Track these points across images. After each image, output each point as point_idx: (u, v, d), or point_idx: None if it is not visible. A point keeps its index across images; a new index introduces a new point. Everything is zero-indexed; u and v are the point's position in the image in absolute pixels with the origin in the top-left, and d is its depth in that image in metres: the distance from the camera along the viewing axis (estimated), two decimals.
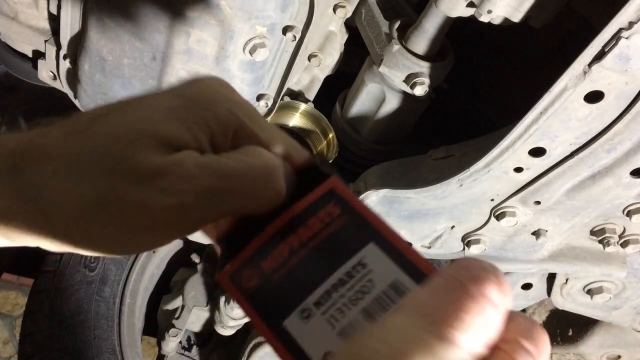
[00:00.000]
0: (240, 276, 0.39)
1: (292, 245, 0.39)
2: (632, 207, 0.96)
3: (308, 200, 0.41)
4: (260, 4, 0.88)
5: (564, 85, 0.78)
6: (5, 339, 2.57)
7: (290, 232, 0.40)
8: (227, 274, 0.40)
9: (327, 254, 0.39)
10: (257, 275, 0.39)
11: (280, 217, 0.41)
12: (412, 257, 0.37)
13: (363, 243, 0.38)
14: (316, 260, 0.39)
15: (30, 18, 1.12)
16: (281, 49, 0.97)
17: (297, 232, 0.40)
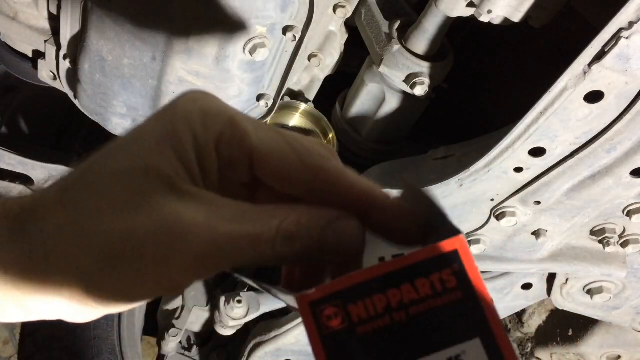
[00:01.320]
0: (323, 309, 0.34)
1: (391, 301, 0.34)
2: (632, 207, 0.96)
3: (425, 253, 0.35)
4: (260, 4, 0.88)
5: (564, 85, 0.78)
6: (5, 339, 2.57)
7: (393, 284, 0.35)
8: (309, 299, 0.35)
9: (426, 331, 0.34)
10: (342, 317, 0.34)
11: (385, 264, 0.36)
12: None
13: (469, 335, 0.33)
14: (411, 332, 0.34)
15: (30, 18, 1.12)
16: (281, 49, 0.97)
17: (400, 289, 0.35)
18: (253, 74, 0.98)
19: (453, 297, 0.34)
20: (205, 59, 0.94)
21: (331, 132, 1.18)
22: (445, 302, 0.34)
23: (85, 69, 1.03)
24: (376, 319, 0.34)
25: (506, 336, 0.33)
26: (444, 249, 0.35)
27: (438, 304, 0.34)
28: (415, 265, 0.35)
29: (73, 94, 1.14)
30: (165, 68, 0.96)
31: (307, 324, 0.34)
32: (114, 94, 1.03)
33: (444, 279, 0.35)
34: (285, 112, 1.18)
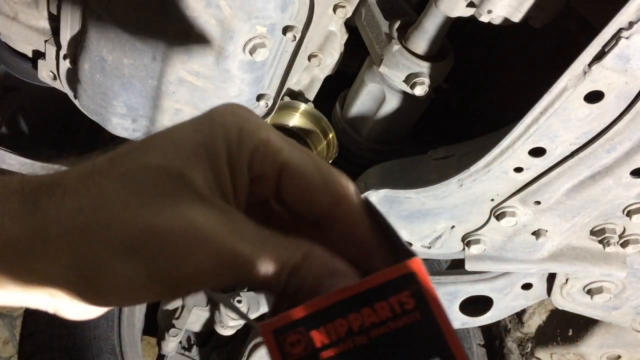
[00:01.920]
0: (286, 337, 0.35)
1: (352, 326, 0.35)
2: (632, 207, 0.96)
3: (383, 277, 0.36)
4: (260, 4, 0.88)
5: (564, 85, 0.78)
6: (6, 339, 2.57)
7: (353, 308, 0.35)
8: (271, 327, 0.35)
9: (387, 353, 0.34)
10: (304, 343, 0.35)
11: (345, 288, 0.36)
12: None
13: (428, 355, 0.34)
14: (373, 354, 0.34)
15: (30, 18, 1.12)
16: (281, 49, 0.97)
17: (360, 312, 0.35)
18: (253, 74, 0.98)
19: (412, 319, 0.35)
20: (205, 59, 0.94)
21: (331, 132, 1.18)
22: (405, 324, 0.35)
23: (85, 69, 1.03)
24: (338, 344, 0.35)
25: (464, 354, 0.34)
26: (401, 272, 0.36)
27: (398, 325, 0.35)
28: (374, 289, 0.36)
29: (73, 94, 1.14)
30: (165, 68, 0.96)
31: (271, 352, 0.35)
32: (114, 94, 1.03)
33: (402, 301, 0.35)
34: (285, 112, 1.18)
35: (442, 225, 1.08)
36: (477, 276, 1.26)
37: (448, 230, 1.09)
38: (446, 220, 1.06)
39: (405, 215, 1.07)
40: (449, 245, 1.12)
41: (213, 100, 1.00)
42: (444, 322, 0.35)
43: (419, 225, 1.09)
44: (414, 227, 1.09)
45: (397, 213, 1.07)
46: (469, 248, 1.09)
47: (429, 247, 1.13)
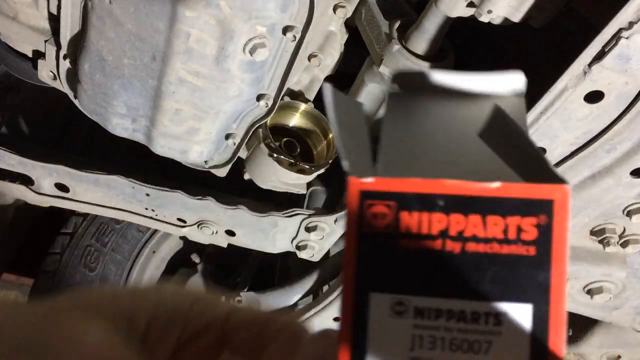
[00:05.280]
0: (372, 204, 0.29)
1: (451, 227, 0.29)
2: (632, 207, 0.96)
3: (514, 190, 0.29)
4: (260, 4, 0.87)
5: (564, 85, 0.78)
6: None
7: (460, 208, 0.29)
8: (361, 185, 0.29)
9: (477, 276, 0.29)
10: (389, 220, 0.29)
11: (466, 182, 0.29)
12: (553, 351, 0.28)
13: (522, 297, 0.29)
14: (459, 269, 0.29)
15: (30, 18, 1.12)
16: (281, 49, 0.97)
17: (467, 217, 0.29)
18: (253, 74, 0.98)
19: (523, 251, 0.29)
20: (205, 59, 0.94)
21: (331, 132, 1.18)
22: (513, 253, 0.29)
23: (85, 69, 1.03)
24: (425, 239, 0.29)
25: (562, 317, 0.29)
26: (538, 194, 0.29)
27: (504, 252, 0.29)
28: (496, 199, 0.29)
29: (73, 94, 1.14)
30: (165, 68, 0.96)
31: (350, 214, 0.30)
32: (114, 94, 1.03)
33: (522, 227, 0.29)
34: (285, 112, 1.18)
35: None
36: None
37: None
38: None
39: None
40: None
41: (213, 100, 1.00)
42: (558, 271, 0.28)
43: None
44: None
45: None
46: None
47: None
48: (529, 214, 0.29)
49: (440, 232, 0.29)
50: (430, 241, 0.29)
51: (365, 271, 0.29)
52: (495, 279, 0.29)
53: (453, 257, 0.29)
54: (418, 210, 0.29)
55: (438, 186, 0.29)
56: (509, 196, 0.29)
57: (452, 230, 0.29)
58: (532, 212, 0.29)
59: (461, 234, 0.29)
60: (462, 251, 0.29)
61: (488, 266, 0.29)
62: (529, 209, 0.29)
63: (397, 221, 0.29)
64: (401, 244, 0.29)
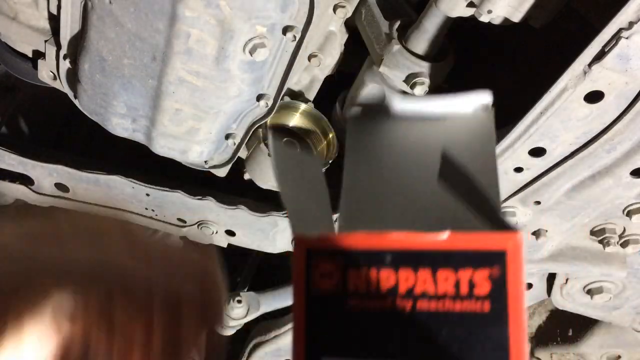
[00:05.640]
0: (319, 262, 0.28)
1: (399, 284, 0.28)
2: (632, 207, 0.96)
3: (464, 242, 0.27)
4: (260, 4, 0.87)
5: (564, 85, 0.78)
6: None
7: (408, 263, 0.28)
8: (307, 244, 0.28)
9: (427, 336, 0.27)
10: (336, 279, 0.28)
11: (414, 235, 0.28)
12: None
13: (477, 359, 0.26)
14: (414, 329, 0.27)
15: (30, 18, 1.12)
16: (281, 49, 0.97)
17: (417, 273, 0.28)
18: (253, 74, 0.98)
19: (477, 308, 0.27)
20: (205, 59, 0.94)
21: (331, 132, 1.18)
22: (466, 311, 0.27)
23: (85, 69, 1.03)
24: (374, 299, 0.28)
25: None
26: (489, 244, 0.27)
27: (456, 309, 0.27)
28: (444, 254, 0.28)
29: (73, 94, 1.13)
30: (165, 68, 0.96)
31: (296, 274, 0.29)
32: (114, 94, 1.03)
33: (474, 281, 0.27)
34: (285, 112, 1.18)
35: None
36: None
37: None
38: None
39: None
40: None
41: (213, 100, 1.00)
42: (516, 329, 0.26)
43: None
44: None
45: None
46: None
47: None
48: (481, 266, 0.27)
49: (389, 290, 0.28)
50: (379, 301, 0.28)
51: (315, 335, 0.28)
52: (449, 339, 0.27)
53: (404, 317, 0.27)
54: (366, 267, 0.28)
55: (385, 241, 0.28)
56: (459, 248, 0.28)
57: (401, 287, 0.28)
58: (484, 264, 0.27)
59: (411, 292, 0.27)
60: (412, 310, 0.27)
61: (441, 325, 0.27)
62: (481, 260, 0.27)
63: (345, 280, 0.28)
64: (350, 305, 0.28)
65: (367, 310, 0.28)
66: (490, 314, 0.27)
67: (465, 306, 0.27)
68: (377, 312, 0.28)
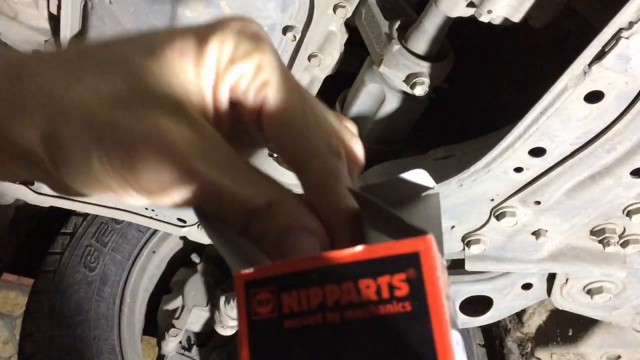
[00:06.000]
0: (256, 292, 0.31)
1: (327, 299, 0.30)
2: (632, 207, 0.96)
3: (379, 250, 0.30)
4: (260, 4, 0.88)
5: (564, 85, 0.78)
6: (5, 339, 2.57)
7: (332, 279, 0.30)
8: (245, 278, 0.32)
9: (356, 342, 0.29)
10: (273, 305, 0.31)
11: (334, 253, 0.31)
12: None
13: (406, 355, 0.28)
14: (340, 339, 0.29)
15: (30, 18, 1.12)
16: (281, 49, 0.97)
17: (340, 285, 0.30)
18: None
19: (399, 309, 0.29)
20: None
21: None
22: (389, 313, 0.29)
23: None
24: (307, 315, 0.30)
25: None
26: (403, 249, 0.30)
27: (380, 313, 0.29)
28: (365, 262, 0.30)
29: None
30: None
31: (239, 305, 0.32)
32: None
33: (394, 286, 0.29)
34: None
35: (442, 225, 1.08)
36: (477, 276, 1.26)
37: (448, 230, 1.09)
38: (446, 220, 1.06)
39: None
40: (449, 245, 1.12)
41: None
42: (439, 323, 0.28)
43: None
44: None
45: None
46: (469, 248, 1.09)
47: None
48: (397, 270, 0.29)
49: (319, 305, 0.30)
50: (311, 316, 0.30)
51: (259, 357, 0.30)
52: (378, 342, 0.29)
53: (335, 328, 0.29)
54: (296, 289, 0.30)
55: (309, 261, 0.31)
56: (375, 256, 0.30)
57: (329, 301, 0.30)
58: (400, 268, 0.29)
59: (338, 303, 0.30)
60: (342, 320, 0.29)
61: (369, 330, 0.29)
62: (397, 265, 0.30)
63: (280, 303, 0.31)
64: (287, 325, 0.30)
65: (302, 328, 0.30)
66: (412, 312, 0.29)
67: (388, 309, 0.29)
68: (311, 327, 0.30)
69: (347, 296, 0.30)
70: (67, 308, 1.63)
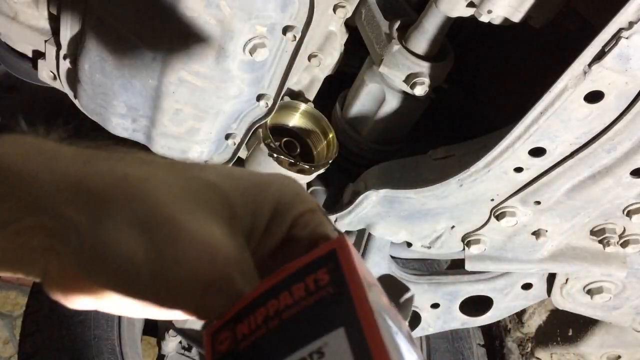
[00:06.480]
0: (218, 337, 0.36)
1: (269, 312, 0.34)
2: (632, 207, 0.96)
3: (303, 260, 0.36)
4: (260, 4, 0.87)
5: (564, 85, 0.78)
6: (5, 339, 2.57)
7: (272, 296, 0.35)
8: (211, 330, 0.36)
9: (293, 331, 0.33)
10: (229, 338, 0.35)
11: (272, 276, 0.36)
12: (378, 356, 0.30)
13: (332, 326, 0.32)
14: (281, 335, 0.34)
15: (30, 18, 1.12)
16: (281, 49, 0.97)
17: (278, 297, 0.35)
18: (253, 74, 0.98)
19: (323, 294, 0.33)
20: (205, 59, 0.94)
21: (331, 132, 1.18)
22: (316, 300, 0.33)
23: (85, 69, 1.03)
24: (255, 332, 0.34)
25: (375, 324, 0.31)
26: (321, 252, 0.35)
27: (309, 303, 0.33)
28: (294, 274, 0.35)
29: (73, 94, 1.14)
30: (165, 68, 0.96)
31: (206, 353, 0.36)
32: (114, 94, 1.03)
33: (318, 279, 0.34)
34: (285, 112, 1.18)
35: (442, 225, 1.08)
36: (477, 276, 1.26)
37: (448, 230, 1.09)
38: (446, 220, 1.06)
39: (405, 215, 1.07)
40: (449, 245, 1.12)
41: (213, 100, 1.00)
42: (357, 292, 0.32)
43: (419, 225, 1.09)
44: (414, 227, 1.09)
45: (397, 213, 1.07)
46: (469, 248, 1.09)
47: (429, 247, 1.13)
48: (319, 267, 0.35)
49: (264, 319, 0.34)
50: (258, 331, 0.34)
51: None
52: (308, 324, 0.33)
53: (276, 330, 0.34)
54: (246, 316, 0.35)
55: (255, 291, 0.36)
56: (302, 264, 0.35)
57: (270, 313, 0.34)
58: (321, 265, 0.35)
59: (278, 311, 0.34)
60: (280, 322, 0.34)
61: (303, 319, 0.33)
62: (319, 264, 0.35)
63: (235, 334, 0.35)
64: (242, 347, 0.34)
65: (253, 343, 0.34)
66: (334, 293, 0.33)
67: (315, 298, 0.34)
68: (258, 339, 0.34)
69: (284, 302, 0.34)
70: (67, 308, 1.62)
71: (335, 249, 0.35)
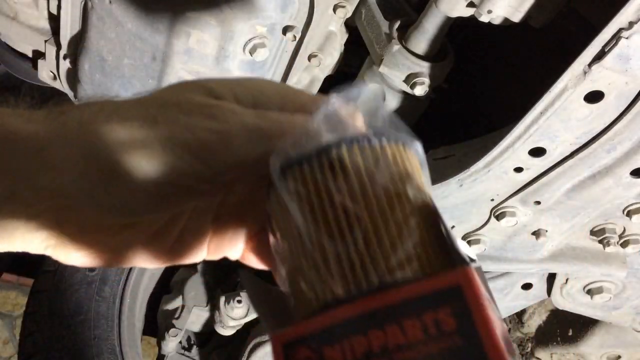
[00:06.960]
0: (296, 352, 0.29)
1: (373, 345, 0.28)
2: (632, 207, 0.96)
3: (418, 288, 0.29)
4: (260, 4, 0.88)
5: (564, 85, 0.78)
6: (5, 339, 2.57)
7: (376, 324, 0.28)
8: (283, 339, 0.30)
9: None
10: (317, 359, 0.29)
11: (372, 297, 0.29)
12: None
13: None
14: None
15: (30, 18, 1.12)
16: (281, 49, 0.97)
17: (385, 330, 0.28)
18: (253, 74, 0.98)
19: (450, 344, 0.27)
20: (205, 59, 0.94)
21: None
22: (441, 350, 0.27)
23: (85, 69, 1.03)
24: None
25: None
26: (442, 284, 0.28)
27: (431, 351, 0.27)
28: (405, 302, 0.29)
29: (73, 94, 1.14)
30: (165, 68, 0.96)
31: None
32: (114, 94, 1.03)
33: (439, 321, 0.28)
34: None
35: None
36: None
37: None
38: (446, 221, 1.06)
39: None
40: None
41: None
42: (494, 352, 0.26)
43: None
44: None
45: None
46: (469, 248, 1.09)
47: None
48: (440, 304, 0.28)
49: (365, 354, 0.28)
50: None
51: None
52: None
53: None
54: (338, 341, 0.29)
55: (347, 311, 0.29)
56: (416, 295, 0.29)
57: (374, 348, 0.28)
58: (442, 302, 0.28)
59: (385, 348, 0.28)
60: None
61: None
62: (438, 300, 0.28)
63: (323, 357, 0.29)
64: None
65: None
66: (463, 345, 0.27)
67: (438, 346, 0.27)
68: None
69: (394, 339, 0.28)
70: (67, 308, 1.63)
71: (460, 287, 0.28)
